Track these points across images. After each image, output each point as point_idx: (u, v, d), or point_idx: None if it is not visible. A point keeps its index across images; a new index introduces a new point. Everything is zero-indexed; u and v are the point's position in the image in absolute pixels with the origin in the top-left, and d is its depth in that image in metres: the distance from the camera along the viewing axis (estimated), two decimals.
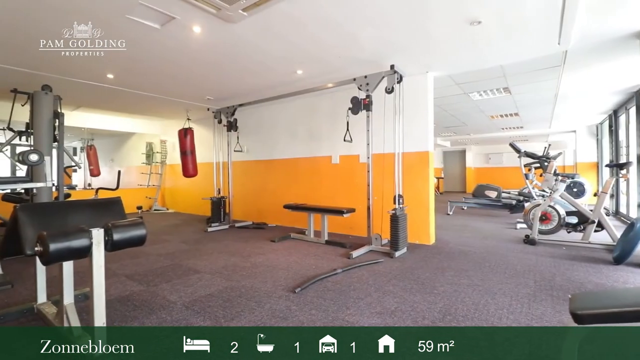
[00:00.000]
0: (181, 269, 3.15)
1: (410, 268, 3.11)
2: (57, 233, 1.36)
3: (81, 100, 5.74)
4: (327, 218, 4.21)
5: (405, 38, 3.13)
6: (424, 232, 4.13)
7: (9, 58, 3.54)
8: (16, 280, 2.77)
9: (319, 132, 5.22)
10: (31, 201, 3.82)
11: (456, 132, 10.34)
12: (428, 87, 4.11)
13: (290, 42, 3.22)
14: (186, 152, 6.06)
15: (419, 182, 4.14)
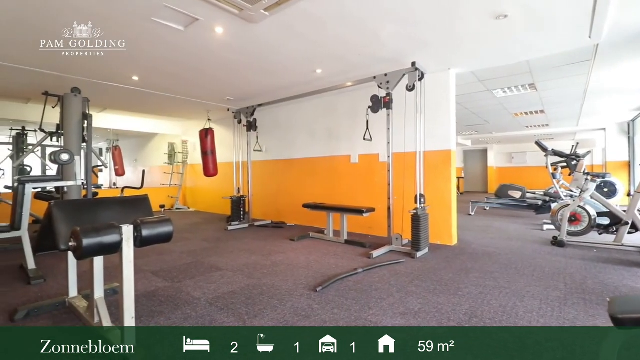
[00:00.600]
0: (204, 266, 3.20)
1: (432, 269, 3.05)
2: (89, 229, 1.41)
3: (108, 102, 5.95)
4: (346, 217, 4.18)
5: (428, 34, 3.07)
6: (445, 233, 4.04)
7: (41, 62, 3.69)
8: (48, 274, 2.90)
9: (337, 131, 5.20)
10: (62, 199, 3.99)
11: (478, 131, 10.08)
12: (450, 84, 4.01)
13: (311, 41, 3.22)
14: (207, 152, 6.17)
15: (440, 182, 4.05)
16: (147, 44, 3.25)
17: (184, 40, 3.16)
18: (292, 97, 5.07)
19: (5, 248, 3.88)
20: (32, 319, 2.04)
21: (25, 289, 2.59)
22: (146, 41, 3.19)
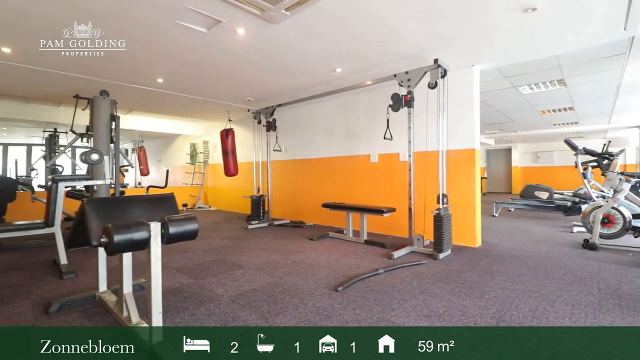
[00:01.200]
0: (225, 264, 3.25)
1: (456, 271, 2.97)
2: (120, 225, 1.45)
3: (133, 104, 6.16)
4: (366, 217, 4.15)
5: (451, 30, 3.00)
6: (469, 234, 3.93)
7: (72, 66, 3.86)
8: (79, 269, 3.02)
9: (356, 131, 5.17)
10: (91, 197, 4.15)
11: (502, 129, 9.77)
12: (474, 81, 3.90)
13: (331, 40, 3.20)
14: (227, 152, 6.27)
15: (464, 181, 3.95)
16: (172, 46, 3.34)
17: (207, 42, 3.22)
18: (311, 97, 5.08)
19: (40, 244, 4.08)
20: (65, 312, 2.13)
21: (58, 283, 2.71)
22: (171, 44, 3.27)
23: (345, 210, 4.33)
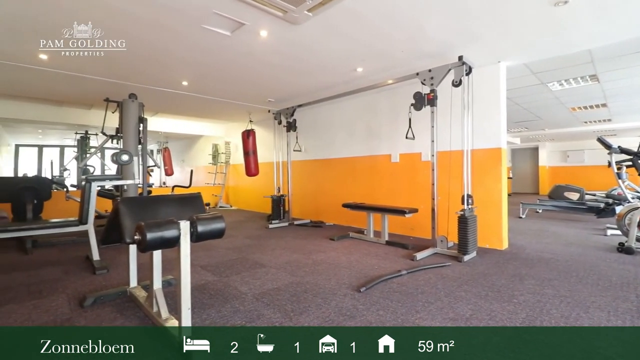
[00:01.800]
0: (248, 262, 3.30)
1: (482, 274, 2.89)
2: (152, 224, 1.50)
3: (159, 106, 6.36)
4: (387, 218, 4.10)
5: (477, 26, 2.92)
6: (495, 236, 3.81)
7: (103, 70, 4.03)
8: (110, 265, 3.15)
9: (377, 130, 5.13)
10: (121, 196, 4.32)
11: (528, 128, 9.42)
12: (500, 78, 3.79)
13: (353, 39, 3.19)
14: (248, 153, 6.37)
15: (489, 181, 3.83)
16: (197, 50, 3.42)
17: (230, 45, 3.28)
18: (331, 97, 5.08)
19: (73, 240, 4.29)
20: (99, 306, 2.23)
21: (91, 278, 2.84)
22: (196, 48, 3.36)
23: (366, 211, 4.30)
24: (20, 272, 3.01)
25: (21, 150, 11.02)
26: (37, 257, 3.59)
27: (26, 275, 2.92)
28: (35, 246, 3.96)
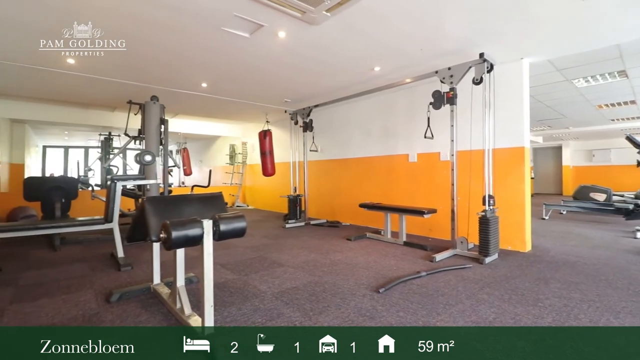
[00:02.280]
0: (266, 261, 3.34)
1: (504, 276, 2.81)
2: (177, 222, 1.54)
3: (179, 108, 6.51)
4: (405, 218, 4.05)
5: (499, 22, 2.85)
6: (517, 238, 3.71)
7: (127, 73, 4.16)
8: (134, 263, 3.25)
9: (394, 130, 5.08)
10: (143, 196, 4.44)
11: (551, 126, 9.12)
12: (523, 75, 3.68)
13: (371, 39, 3.17)
14: (265, 153, 6.43)
15: (512, 181, 3.73)
16: (216, 52, 3.48)
17: (249, 46, 3.32)
18: (348, 97, 5.07)
19: (98, 238, 4.45)
20: (124, 302, 2.30)
21: (116, 275, 2.94)
22: (215, 49, 3.42)
23: (384, 211, 4.27)
24: (50, 268, 3.15)
25: (48, 151, 11.51)
26: (65, 253, 3.74)
27: (56, 271, 3.05)
28: (63, 243, 4.12)
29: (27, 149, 8.03)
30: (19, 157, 7.29)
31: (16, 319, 2.04)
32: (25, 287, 2.63)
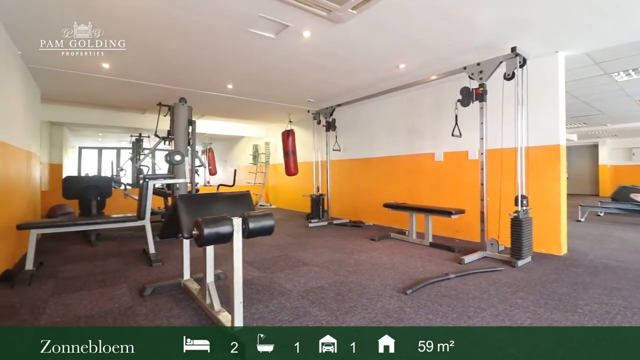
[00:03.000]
0: (291, 260, 3.36)
1: (539, 280, 2.69)
2: (209, 220, 1.58)
3: (206, 109, 6.69)
4: (431, 219, 3.96)
5: (533, 14, 2.72)
6: (552, 240, 3.53)
7: (157, 77, 4.31)
8: (164, 259, 3.36)
9: (420, 128, 4.97)
10: (172, 195, 4.60)
11: (587, 123, 8.63)
12: (559, 69, 3.50)
13: (397, 35, 3.12)
14: (288, 153, 6.48)
15: (546, 181, 3.56)
16: (242, 53, 3.54)
17: (274, 47, 3.36)
18: (372, 95, 5.02)
19: (130, 235, 4.64)
20: (157, 296, 2.38)
21: (148, 270, 3.05)
22: (241, 51, 3.48)
23: (409, 211, 4.19)
24: (87, 263, 3.31)
25: (83, 152, 12.15)
26: (100, 249, 3.93)
27: (92, 265, 3.20)
28: (98, 239, 4.33)
29: (65, 150, 8.50)
30: (58, 158, 7.74)
31: (57, 310, 2.15)
32: (64, 279, 2.78)
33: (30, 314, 2.09)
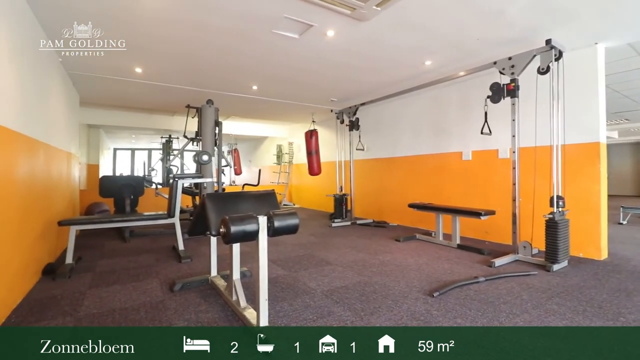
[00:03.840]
0: (314, 259, 3.37)
1: (576, 286, 2.53)
2: (236, 218, 1.61)
3: (232, 110, 6.85)
4: (458, 220, 3.84)
5: (571, 3, 2.57)
6: (591, 244, 3.32)
7: (186, 80, 4.46)
8: (192, 255, 3.46)
9: (446, 127, 4.83)
10: (200, 194, 4.73)
11: (629, 119, 8.07)
12: (598, 61, 3.29)
13: (423, 31, 3.04)
14: (311, 152, 6.50)
15: (584, 181, 3.36)
16: (267, 54, 3.59)
17: (298, 47, 3.38)
18: (396, 94, 4.93)
19: (160, 232, 4.83)
20: (186, 291, 2.46)
21: (177, 266, 3.16)
22: (266, 52, 3.52)
23: (435, 212, 4.08)
24: (121, 258, 3.48)
25: (118, 153, 12.79)
26: (133, 245, 4.12)
27: (126, 261, 3.36)
28: (131, 235, 4.54)
29: (101, 151, 8.98)
30: (95, 158, 8.18)
31: (94, 302, 2.27)
32: (101, 273, 2.94)
33: (70, 305, 2.22)
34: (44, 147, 2.97)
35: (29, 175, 2.55)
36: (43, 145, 2.93)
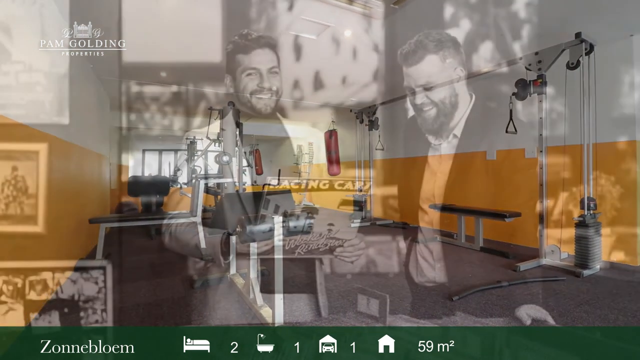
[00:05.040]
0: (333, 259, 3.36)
1: (608, 293, 2.39)
2: (252, 218, 1.64)
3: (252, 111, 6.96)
4: (481, 222, 3.72)
5: None
6: (626, 249, 3.12)
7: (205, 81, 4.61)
8: (213, 254, 3.55)
9: (468, 125, 4.66)
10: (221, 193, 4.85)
11: None
12: (634, 54, 3.09)
13: (441, 28, 2.97)
14: (331, 152, 6.50)
15: (617, 182, 3.16)
16: (284, 55, 3.62)
17: (315, 48, 3.40)
18: (415, 92, 4.84)
19: (184, 230, 4.98)
20: (206, 288, 2.53)
21: (199, 264, 3.24)
22: (283, 53, 3.56)
23: (457, 213, 3.98)
24: (147, 254, 3.63)
25: (146, 154, 13.33)
26: (158, 242, 4.28)
27: (151, 257, 3.50)
28: (157, 233, 4.72)
29: (131, 152, 9.40)
30: (124, 159, 8.58)
31: (121, 297, 2.38)
32: (128, 269, 3.08)
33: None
34: (78, 149, 3.16)
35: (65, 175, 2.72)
36: (78, 148, 3.10)
